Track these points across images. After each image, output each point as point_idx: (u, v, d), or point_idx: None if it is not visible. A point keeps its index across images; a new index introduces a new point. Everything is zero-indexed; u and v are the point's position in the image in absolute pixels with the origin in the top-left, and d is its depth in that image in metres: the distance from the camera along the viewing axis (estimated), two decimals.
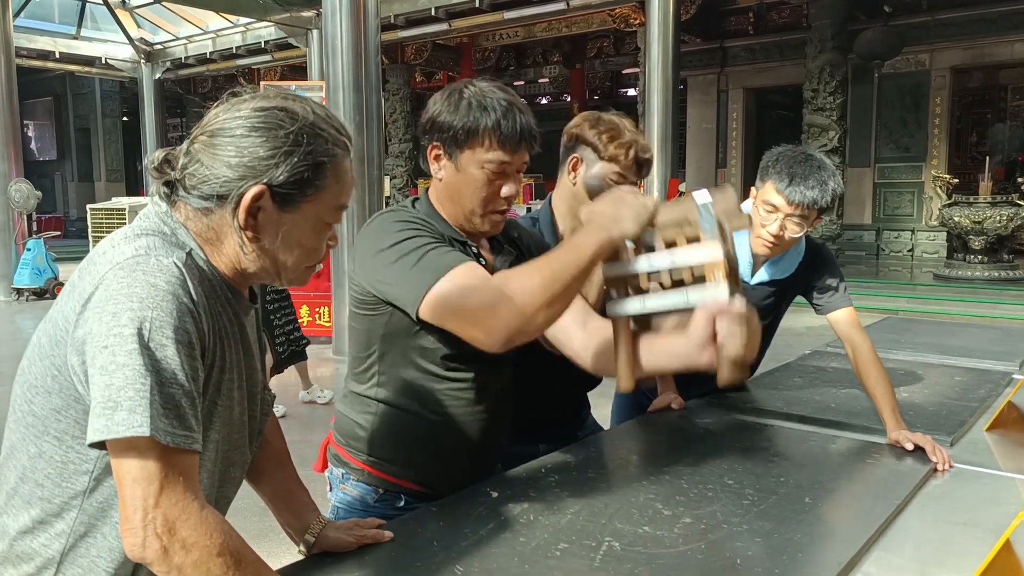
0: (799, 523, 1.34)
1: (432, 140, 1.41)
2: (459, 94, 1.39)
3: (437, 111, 1.40)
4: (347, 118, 6.82)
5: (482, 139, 1.36)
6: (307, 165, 0.98)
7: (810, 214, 1.82)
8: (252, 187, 0.96)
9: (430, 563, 1.18)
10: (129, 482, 0.86)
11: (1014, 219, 9.29)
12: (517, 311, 1.18)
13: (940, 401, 2.12)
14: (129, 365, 0.85)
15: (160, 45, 16.03)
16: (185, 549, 0.86)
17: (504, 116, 1.36)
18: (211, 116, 1.00)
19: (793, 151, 1.86)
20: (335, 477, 1.54)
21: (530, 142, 1.41)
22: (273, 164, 0.96)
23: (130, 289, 0.88)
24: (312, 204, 1.00)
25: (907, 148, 12.56)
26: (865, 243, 13.03)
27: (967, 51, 11.89)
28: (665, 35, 10.02)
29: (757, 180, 1.90)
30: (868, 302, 8.22)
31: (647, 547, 1.24)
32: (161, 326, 0.87)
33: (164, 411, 0.86)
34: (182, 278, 0.92)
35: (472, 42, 15.82)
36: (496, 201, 1.42)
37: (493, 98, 1.37)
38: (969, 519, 1.42)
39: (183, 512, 0.87)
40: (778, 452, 1.73)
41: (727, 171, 14.30)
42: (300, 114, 0.99)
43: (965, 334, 3.19)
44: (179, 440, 0.87)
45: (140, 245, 0.94)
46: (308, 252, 1.04)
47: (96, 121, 20.49)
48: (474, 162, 1.38)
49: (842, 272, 2.05)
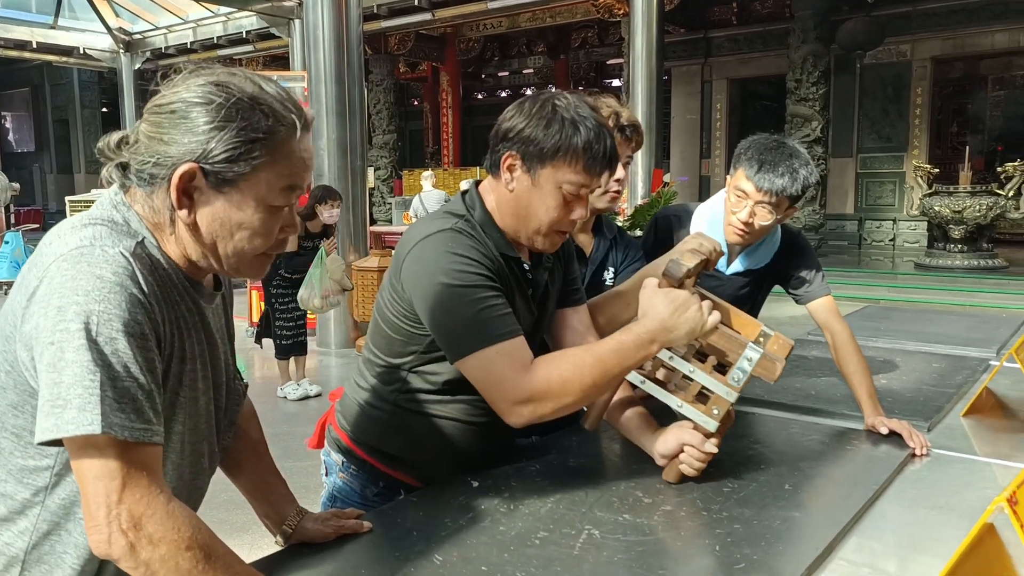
0: (778, 509, 1.35)
1: (511, 149, 1.33)
2: (552, 108, 1.31)
3: (524, 122, 1.32)
4: (329, 109, 6.77)
5: (569, 159, 1.30)
6: (240, 140, 0.92)
7: (780, 202, 1.81)
8: (183, 165, 0.92)
9: (409, 553, 1.17)
10: (90, 479, 0.85)
11: (993, 208, 9.39)
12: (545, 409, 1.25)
13: (918, 387, 2.14)
14: (77, 361, 0.83)
15: (139, 35, 15.81)
16: (152, 544, 0.85)
17: (596, 139, 1.30)
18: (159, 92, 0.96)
19: (767, 139, 1.85)
20: (333, 462, 1.53)
21: (613, 167, 1.36)
22: (205, 140, 0.91)
23: (75, 282, 0.85)
24: (250, 183, 0.94)
25: (889, 138, 12.66)
26: (847, 233, 13.14)
27: (948, 41, 11.98)
28: (649, 25, 10.02)
29: (731, 167, 1.90)
30: (850, 291, 8.30)
31: (626, 534, 1.24)
32: (109, 319, 0.85)
33: (119, 406, 0.84)
34: (130, 268, 0.89)
35: (456, 32, 15.76)
36: (564, 223, 1.35)
37: (586, 116, 1.31)
38: (945, 503, 1.43)
39: (148, 507, 0.85)
40: (758, 439, 1.74)
41: (711, 161, 14.34)
42: (237, 88, 0.93)
43: (944, 321, 3.22)
44: (138, 434, 0.85)
45: (85, 235, 0.90)
46: (253, 237, 0.97)
47: (75, 112, 20.25)
48: (553, 180, 1.31)
49: (819, 260, 2.05)
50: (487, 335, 1.25)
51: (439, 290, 1.27)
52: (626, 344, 1.26)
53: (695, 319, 1.27)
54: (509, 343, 1.25)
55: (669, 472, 1.44)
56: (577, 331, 1.52)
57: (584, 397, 1.26)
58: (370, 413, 1.46)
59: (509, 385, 1.24)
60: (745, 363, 1.34)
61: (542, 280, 1.46)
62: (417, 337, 1.37)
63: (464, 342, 1.26)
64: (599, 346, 1.28)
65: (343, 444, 1.50)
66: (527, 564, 1.14)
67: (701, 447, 1.39)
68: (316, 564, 1.17)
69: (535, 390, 1.23)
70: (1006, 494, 0.96)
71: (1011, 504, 0.95)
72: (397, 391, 1.43)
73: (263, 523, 1.25)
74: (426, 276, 1.29)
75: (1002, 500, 0.95)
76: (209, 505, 1.14)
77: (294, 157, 0.97)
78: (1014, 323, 3.08)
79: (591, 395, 1.28)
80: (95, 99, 20.49)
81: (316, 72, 6.80)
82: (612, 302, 1.63)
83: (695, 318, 1.27)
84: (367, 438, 1.47)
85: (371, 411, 1.46)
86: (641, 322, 1.29)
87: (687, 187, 13.60)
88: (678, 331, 1.27)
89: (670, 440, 1.42)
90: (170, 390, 0.96)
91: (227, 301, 1.14)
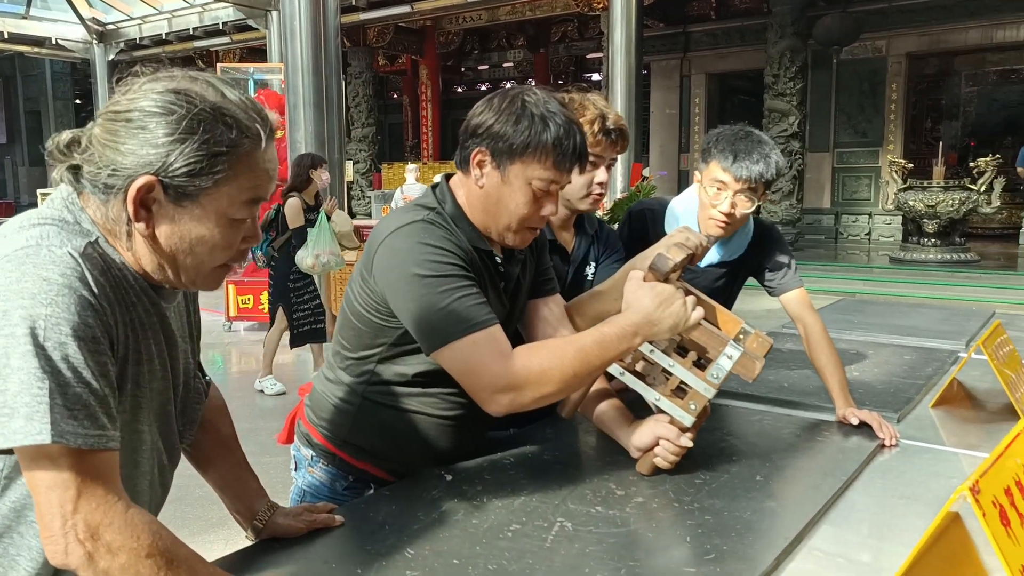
0: (749, 500, 1.36)
1: (480, 145, 1.32)
2: (521, 104, 1.30)
3: (493, 118, 1.31)
4: (307, 101, 6.72)
5: (538, 155, 1.29)
6: (202, 155, 0.89)
7: (758, 188, 1.83)
8: (140, 177, 0.88)
9: (380, 547, 1.17)
10: (43, 489, 0.82)
11: (966, 203, 9.51)
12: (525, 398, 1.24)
13: (889, 379, 2.17)
14: (23, 368, 0.80)
15: (113, 25, 15.59)
16: (111, 553, 0.83)
17: (566, 135, 1.30)
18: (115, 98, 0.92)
19: (732, 129, 1.86)
20: (303, 457, 1.51)
21: (583, 163, 1.36)
22: (165, 153, 0.88)
23: (19, 284, 0.82)
24: (211, 197, 0.91)
25: (865, 133, 12.78)
26: (824, 227, 13.26)
27: (923, 38, 12.12)
28: (628, 19, 10.05)
29: (700, 162, 1.91)
30: (826, 284, 8.38)
31: (599, 526, 1.25)
32: (57, 323, 0.81)
33: (71, 412, 0.81)
34: (79, 269, 0.85)
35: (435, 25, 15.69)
36: (534, 219, 1.35)
37: (555, 112, 1.31)
38: (913, 493, 1.46)
39: (106, 516, 0.83)
40: (731, 431, 1.76)
41: (690, 156, 14.41)
42: (199, 97, 0.90)
43: (916, 315, 3.27)
44: (92, 441, 0.83)
45: (32, 235, 0.86)
46: (212, 251, 0.94)
47: (47, 103, 19.92)
48: (523, 176, 1.31)
49: (792, 253, 2.07)
50: (464, 324, 1.24)
51: (413, 281, 1.26)
52: (609, 336, 1.26)
53: (679, 314, 1.28)
54: (486, 331, 1.25)
55: (643, 464, 1.45)
56: (549, 322, 1.52)
57: (565, 387, 1.26)
58: (339, 407, 1.45)
59: (488, 373, 1.24)
60: (725, 360, 1.35)
61: (514, 273, 1.46)
62: (387, 330, 1.36)
63: (440, 332, 1.25)
64: (581, 337, 1.28)
65: (312, 438, 1.49)
66: (499, 557, 1.15)
67: (676, 441, 1.40)
68: (287, 559, 1.16)
69: (515, 378, 1.23)
70: (969, 483, 0.97)
71: (974, 493, 0.97)
72: (366, 383, 1.42)
73: (234, 518, 1.24)
74: (399, 268, 1.28)
75: (965, 489, 0.96)
76: (183, 501, 1.14)
77: (258, 169, 0.94)
78: (983, 316, 3.13)
79: (572, 385, 1.27)
80: (68, 90, 20.17)
81: (293, 64, 6.74)
82: (591, 302, 1.63)
83: (679, 313, 1.28)
84: (336, 432, 1.46)
85: (340, 404, 1.45)
86: (625, 315, 1.29)
87: (666, 181, 13.66)
88: (662, 325, 1.27)
89: (646, 433, 1.43)
90: (129, 393, 0.94)
91: (189, 298, 1.12)
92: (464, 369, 1.26)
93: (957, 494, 0.97)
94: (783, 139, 11.44)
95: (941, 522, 1.03)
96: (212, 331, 7.31)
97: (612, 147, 1.76)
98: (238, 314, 7.51)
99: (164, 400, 1.03)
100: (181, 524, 2.93)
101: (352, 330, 1.42)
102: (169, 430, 1.06)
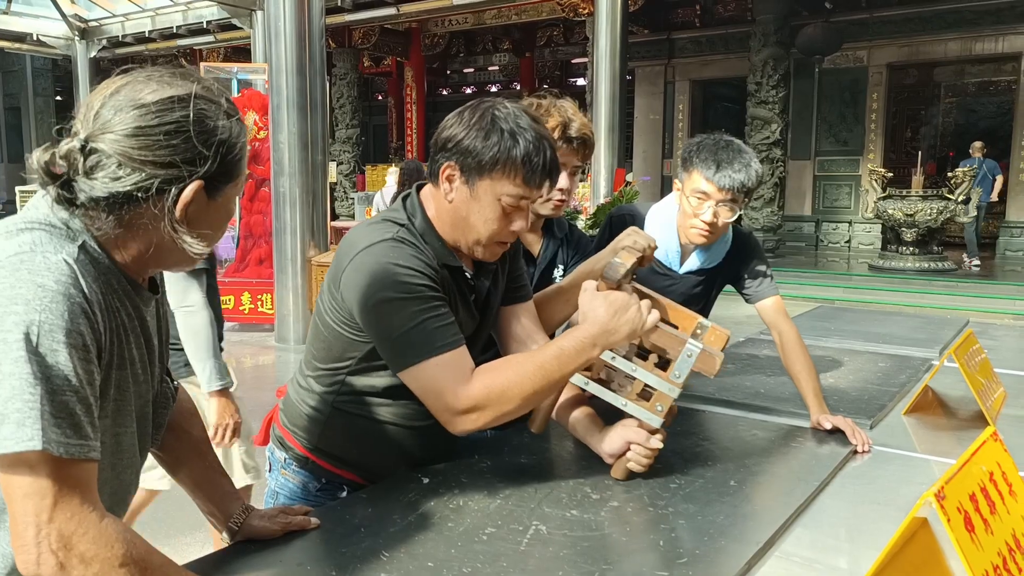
0: (723, 505, 1.38)
1: (450, 159, 1.31)
2: (491, 119, 1.29)
3: (463, 132, 1.30)
4: (290, 102, 6.69)
5: (508, 171, 1.28)
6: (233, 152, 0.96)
7: (738, 197, 1.86)
8: (191, 182, 0.92)
9: (355, 549, 1.17)
10: (19, 497, 0.82)
11: (943, 212, 9.64)
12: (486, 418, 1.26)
13: (863, 386, 2.19)
14: (16, 374, 0.80)
15: (95, 22, 15.42)
16: (84, 563, 0.82)
17: (535, 151, 1.28)
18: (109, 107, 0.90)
19: (713, 138, 1.88)
20: (276, 459, 1.52)
21: (554, 178, 1.35)
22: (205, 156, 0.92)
23: (14, 290, 0.82)
24: (234, 187, 1.00)
25: (845, 142, 12.92)
26: (805, 234, 13.38)
27: (903, 48, 12.27)
28: (613, 25, 10.11)
29: (680, 171, 1.92)
30: (806, 291, 8.47)
31: (573, 530, 1.25)
32: (51, 330, 0.82)
33: (56, 420, 0.81)
34: (73, 276, 0.86)
35: (421, 27, 15.68)
36: (504, 234, 1.35)
37: (525, 126, 1.29)
38: (883, 498, 1.48)
39: (80, 525, 0.83)
40: (707, 436, 1.77)
41: (673, 161, 14.48)
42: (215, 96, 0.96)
43: (891, 322, 3.31)
44: (74, 450, 0.83)
45: (24, 241, 0.87)
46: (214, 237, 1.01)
47: (27, 100, 19.65)
48: (492, 192, 1.30)
49: (768, 261, 2.10)
50: (428, 347, 1.25)
51: (380, 302, 1.26)
52: (567, 350, 1.27)
53: (634, 320, 1.28)
54: (450, 354, 1.25)
55: (617, 470, 1.46)
56: (524, 327, 1.53)
57: (526, 404, 1.27)
58: (310, 414, 1.45)
59: (450, 396, 1.25)
60: (685, 358, 1.37)
61: (484, 286, 1.46)
62: (357, 344, 1.36)
63: (406, 354, 1.26)
64: (540, 353, 1.29)
65: (286, 442, 1.50)
66: (474, 559, 1.15)
67: (646, 444, 1.41)
68: (262, 561, 1.16)
69: (476, 400, 1.24)
70: (934, 489, 0.99)
71: (939, 499, 0.99)
72: (335, 393, 1.42)
73: (208, 521, 1.24)
74: (367, 288, 1.27)
75: (930, 495, 0.98)
76: (160, 502, 1.14)
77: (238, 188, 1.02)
78: (958, 324, 3.18)
79: (533, 401, 1.28)
80: (48, 87, 19.92)
81: (277, 64, 6.72)
82: (551, 300, 1.64)
83: (634, 319, 1.28)
84: (308, 437, 1.46)
85: (311, 412, 1.45)
86: (582, 327, 1.30)
87: (649, 187, 13.74)
88: (618, 333, 1.28)
89: (615, 439, 1.44)
90: (111, 398, 0.94)
91: (160, 303, 1.12)
92: (427, 390, 1.27)
93: (923, 500, 0.99)
94: (765, 146, 11.54)
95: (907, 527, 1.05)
96: None
97: (574, 154, 1.77)
98: None
99: (143, 403, 1.03)
100: (157, 526, 2.91)
101: (323, 341, 1.41)
102: (144, 433, 1.06)
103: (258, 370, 5.47)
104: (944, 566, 1.11)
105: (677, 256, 2.04)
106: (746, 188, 1.84)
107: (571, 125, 1.74)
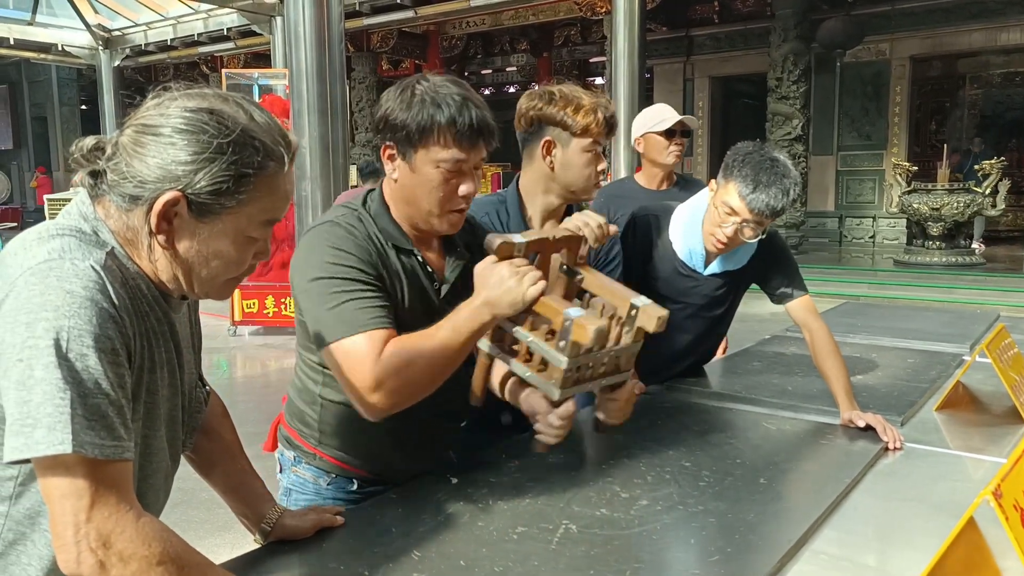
0: (753, 503, 1.37)
1: (385, 139, 1.36)
2: (411, 90, 1.33)
3: (389, 109, 1.34)
4: (310, 106, 6.72)
5: (437, 137, 1.30)
6: (229, 175, 0.92)
7: (767, 220, 1.83)
8: (167, 192, 0.91)
9: (387, 549, 1.18)
10: (58, 498, 0.83)
11: (970, 206, 9.49)
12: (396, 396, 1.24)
13: (892, 383, 2.17)
14: (47, 379, 0.81)
15: (119, 31, 15.63)
16: (123, 561, 0.84)
17: (459, 112, 1.30)
18: (143, 108, 0.94)
19: (760, 154, 1.82)
20: (286, 459, 1.53)
21: (487, 138, 1.36)
22: (192, 171, 0.91)
23: (44, 297, 0.83)
24: (233, 216, 0.95)
25: (868, 136, 12.76)
26: (828, 230, 13.23)
27: (926, 40, 12.10)
28: (631, 23, 10.04)
29: (720, 175, 1.87)
30: (830, 288, 8.37)
31: (603, 529, 1.26)
32: (80, 335, 0.83)
33: (89, 423, 0.83)
34: (101, 282, 0.87)
35: (439, 30, 15.72)
36: (454, 200, 1.36)
37: (446, 93, 1.31)
38: (917, 496, 1.46)
39: (117, 524, 0.84)
40: (735, 434, 1.76)
41: (693, 160, 14.41)
42: (230, 119, 0.93)
43: (920, 318, 3.27)
44: (108, 451, 0.84)
45: (54, 248, 0.88)
46: (227, 265, 0.99)
47: (53, 109, 19.98)
48: (429, 161, 1.32)
49: (795, 260, 2.07)
50: (345, 327, 1.25)
51: (309, 281, 1.30)
52: (459, 321, 1.26)
53: (514, 290, 1.24)
54: (367, 335, 1.25)
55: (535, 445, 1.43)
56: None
57: (432, 377, 1.26)
58: (305, 411, 1.48)
59: (358, 375, 1.24)
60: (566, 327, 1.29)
61: (453, 271, 1.45)
62: None
63: (325, 333, 1.28)
64: (438, 325, 1.27)
65: (293, 440, 1.51)
66: (504, 559, 1.16)
67: (546, 418, 1.38)
68: (295, 561, 1.17)
69: (380, 377, 1.22)
70: (991, 487, 0.98)
71: (996, 497, 0.97)
72: (322, 385, 1.44)
73: (241, 522, 1.25)
74: (301, 268, 1.32)
75: (988, 493, 0.97)
76: (190, 504, 1.15)
77: (279, 192, 0.98)
78: (988, 319, 3.13)
79: (440, 374, 1.27)
80: (74, 96, 20.23)
81: (297, 70, 6.75)
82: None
83: (513, 289, 1.24)
84: (309, 432, 1.48)
85: (306, 408, 1.47)
86: (472, 297, 1.28)
87: None
88: (501, 303, 1.25)
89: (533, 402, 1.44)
90: (143, 401, 0.95)
91: (191, 308, 1.13)
92: (340, 370, 1.27)
93: (980, 499, 0.98)
94: (787, 142, 11.43)
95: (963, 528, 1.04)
96: (217, 335, 7.32)
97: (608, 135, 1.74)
98: (243, 318, 7.52)
99: (172, 407, 1.05)
100: (187, 527, 2.95)
101: (301, 327, 1.44)
102: (175, 436, 1.08)
103: (282, 373, 5.52)
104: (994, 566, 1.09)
105: (701, 258, 2.01)
106: (777, 212, 1.80)
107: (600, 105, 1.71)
